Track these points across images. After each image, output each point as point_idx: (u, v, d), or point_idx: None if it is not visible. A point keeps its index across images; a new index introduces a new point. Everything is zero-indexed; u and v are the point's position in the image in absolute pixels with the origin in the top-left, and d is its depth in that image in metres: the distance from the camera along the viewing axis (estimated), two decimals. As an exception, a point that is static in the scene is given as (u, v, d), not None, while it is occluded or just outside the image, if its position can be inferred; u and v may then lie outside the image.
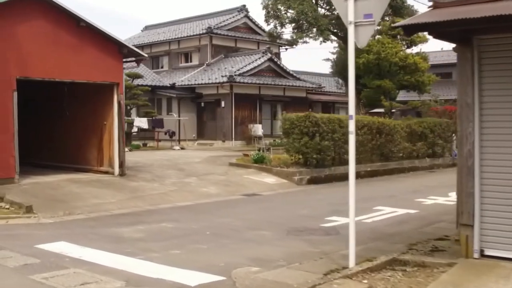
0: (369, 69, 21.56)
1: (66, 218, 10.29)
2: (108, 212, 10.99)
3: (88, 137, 16.14)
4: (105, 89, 15.40)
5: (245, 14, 34.39)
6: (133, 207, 11.56)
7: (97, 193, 12.52)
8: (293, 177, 15.88)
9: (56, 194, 12.12)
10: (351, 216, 7.06)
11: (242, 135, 29.57)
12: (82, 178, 14.52)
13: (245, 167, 17.45)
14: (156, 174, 15.65)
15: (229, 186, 14.44)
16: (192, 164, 18.47)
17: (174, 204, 12.12)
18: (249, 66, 29.93)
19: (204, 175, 15.75)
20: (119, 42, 15.18)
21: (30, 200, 11.09)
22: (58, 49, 14.08)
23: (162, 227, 9.54)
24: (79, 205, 11.25)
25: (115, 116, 15.35)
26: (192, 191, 13.50)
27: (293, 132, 16.19)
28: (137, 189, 13.31)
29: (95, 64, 14.77)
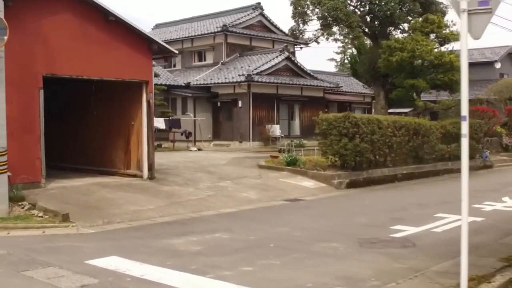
0: (401, 68, 20.68)
1: (107, 228, 9.38)
2: (150, 221, 10.08)
3: (114, 138, 15.23)
4: (133, 87, 14.49)
5: (260, 12, 33.47)
6: (175, 215, 10.66)
7: (132, 198, 11.62)
8: (332, 181, 14.99)
9: (88, 200, 11.21)
10: (464, 236, 5.80)
11: (260, 136, 28.66)
12: (110, 182, 13.61)
13: (277, 169, 16.55)
14: (186, 178, 14.74)
15: (268, 191, 13.55)
16: (219, 167, 17.57)
17: (217, 211, 11.22)
18: (266, 65, 29.01)
19: (237, 179, 14.85)
20: (149, 38, 14.27)
21: (63, 207, 10.18)
22: (86, 44, 13.15)
23: (217, 239, 8.63)
24: (117, 213, 10.35)
25: (143, 116, 14.43)
26: (231, 196, 12.61)
27: (330, 133, 15.31)
28: (173, 194, 12.40)
29: (124, 61, 13.85)
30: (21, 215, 9.74)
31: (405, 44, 19.79)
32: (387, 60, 20.51)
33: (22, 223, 9.27)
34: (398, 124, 16.84)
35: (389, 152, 16.60)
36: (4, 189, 9.67)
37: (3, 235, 8.68)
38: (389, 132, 16.41)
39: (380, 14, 21.19)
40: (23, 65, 11.93)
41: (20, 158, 11.92)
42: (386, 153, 16.50)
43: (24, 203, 10.26)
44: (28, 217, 9.65)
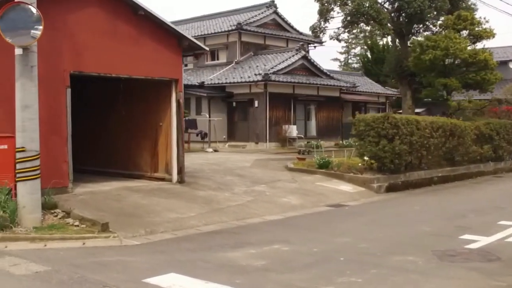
0: (433, 67, 19.86)
1: (152, 239, 8.55)
2: (195, 230, 9.25)
3: (140, 140, 14.38)
4: (162, 86, 13.66)
5: (273, 10, 32.62)
6: (219, 223, 9.84)
7: (168, 205, 10.79)
8: (371, 185, 14.18)
9: (123, 207, 10.38)
10: None
11: (277, 136, 27.84)
12: (140, 186, 12.79)
13: (309, 172, 15.74)
14: (217, 181, 13.93)
15: (307, 196, 12.74)
16: (245, 169, 16.78)
17: (262, 218, 10.40)
18: (282, 64, 28.18)
19: (271, 183, 14.03)
20: (179, 34, 13.43)
21: (98, 215, 9.36)
22: (114, 40, 12.31)
23: (278, 251, 7.82)
24: (158, 221, 9.52)
25: (173, 117, 13.59)
26: (272, 202, 11.79)
27: (368, 134, 14.51)
28: (210, 199, 11.58)
29: (153, 58, 13.01)
30: (55, 224, 8.90)
31: (437, 42, 19.00)
32: (418, 59, 19.73)
33: (58, 234, 8.43)
34: (435, 125, 16.05)
35: (426, 154, 15.81)
36: (37, 196, 8.82)
37: (41, 248, 7.86)
38: (427, 133, 15.63)
39: (410, 11, 20.42)
40: (50, 62, 11.07)
41: (47, 162, 11.05)
42: (423, 155, 15.71)
43: (57, 211, 9.42)
44: (64, 227, 8.81)
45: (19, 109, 8.73)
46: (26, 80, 8.67)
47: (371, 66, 39.28)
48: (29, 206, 8.67)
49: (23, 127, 8.70)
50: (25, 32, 8.56)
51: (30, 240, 8.17)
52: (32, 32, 8.63)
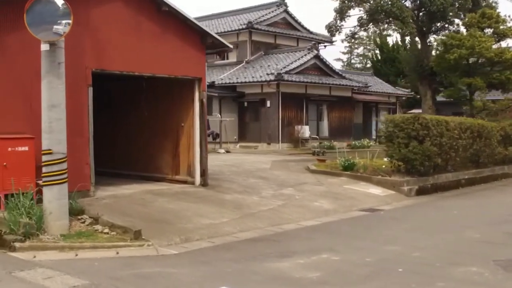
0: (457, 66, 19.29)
1: (188, 247, 7.98)
2: (232, 237, 8.69)
3: (161, 141, 13.82)
4: (184, 85, 13.10)
5: (284, 9, 32.06)
6: (255, 229, 9.27)
7: (197, 209, 10.23)
8: (401, 188, 13.62)
9: (150, 212, 9.81)
10: None
11: (289, 137, 27.27)
12: (162, 189, 12.23)
13: (334, 175, 15.19)
14: (241, 184, 13.38)
15: (338, 199, 12.18)
16: (266, 171, 16.23)
17: (298, 224, 9.84)
18: (295, 63, 27.63)
19: (297, 185, 13.47)
20: (203, 31, 12.86)
21: (126, 221, 8.80)
22: (138, 37, 11.74)
23: (329, 261, 7.26)
24: (190, 228, 8.96)
25: (195, 117, 13.04)
26: (304, 206, 11.24)
27: (397, 135, 13.95)
28: (239, 204, 11.02)
29: (177, 55, 12.44)
30: (83, 232, 8.34)
31: (462, 40, 18.44)
32: (441, 58, 19.19)
33: (89, 242, 7.87)
34: (463, 126, 15.51)
35: (454, 155, 15.27)
36: (64, 201, 8.26)
37: (72, 258, 7.30)
38: (456, 135, 15.09)
39: (433, 9, 19.89)
40: (71, 59, 10.37)
41: (68, 164, 10.56)
42: (451, 157, 15.17)
43: (84, 217, 8.86)
44: (92, 234, 8.25)
45: (45, 108, 8.18)
46: (53, 78, 8.12)
47: (380, 66, 38.72)
48: (56, 212, 8.11)
49: (50, 128, 8.15)
50: (52, 26, 8.01)
51: (59, 249, 7.61)
52: (60, 26, 8.08)
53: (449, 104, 42.03)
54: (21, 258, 7.18)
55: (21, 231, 7.77)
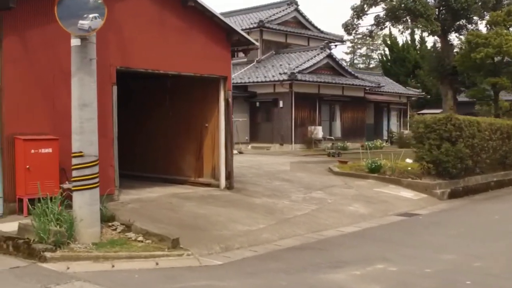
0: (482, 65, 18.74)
1: (231, 257, 7.42)
2: (273, 245, 8.15)
3: (183, 142, 13.27)
4: (208, 84, 12.57)
5: (295, 7, 31.52)
6: (295, 236, 8.73)
7: (228, 214, 9.69)
8: (434, 191, 13.09)
9: (181, 218, 9.27)
10: None
11: (302, 138, 26.74)
12: (188, 193, 11.70)
13: (360, 177, 14.65)
14: (267, 187, 12.85)
15: (372, 203, 11.65)
16: (287, 173, 15.70)
17: (338, 231, 9.30)
18: (308, 63, 27.09)
19: (326, 188, 12.93)
20: (229, 28, 12.33)
21: (158, 227, 8.26)
22: (163, 33, 11.22)
23: (386, 272, 6.72)
24: (227, 235, 8.42)
25: (221, 117, 12.50)
26: (339, 211, 10.70)
27: (428, 137, 13.43)
28: (271, 208, 10.48)
29: (202, 53, 11.91)
30: (115, 240, 7.79)
31: (488, 39, 17.91)
32: (466, 57, 18.65)
33: (124, 251, 7.32)
34: (494, 127, 15.00)
35: (484, 157, 14.76)
36: (96, 207, 7.72)
37: (109, 269, 6.75)
38: (487, 136, 14.58)
39: (457, 6, 19.38)
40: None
41: (92, 167, 10.06)
42: (482, 159, 14.66)
43: (115, 224, 8.31)
44: (126, 243, 7.70)
45: (76, 108, 7.63)
46: (84, 75, 7.57)
47: (390, 65, 38.21)
48: (87, 219, 7.57)
49: (81, 128, 7.60)
50: (84, 20, 7.48)
51: (93, 259, 7.07)
52: (87, 21, 7.54)
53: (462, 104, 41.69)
54: (53, 270, 6.63)
55: (51, 240, 7.22)
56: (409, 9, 18.18)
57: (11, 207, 9.28)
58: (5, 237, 7.65)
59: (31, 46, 9.48)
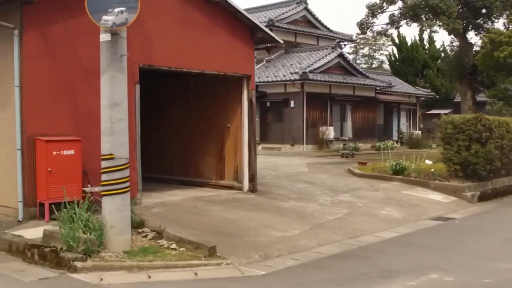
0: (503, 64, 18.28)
1: (273, 266, 6.93)
2: (313, 252, 7.67)
3: (203, 143, 12.82)
4: (231, 83, 12.11)
5: (304, 6, 31.05)
6: (333, 242, 8.26)
7: (259, 219, 9.21)
8: (463, 193, 12.61)
9: (210, 223, 8.79)
10: None
11: (313, 138, 26.27)
12: (211, 196, 11.24)
13: (384, 179, 14.19)
14: (291, 190, 12.40)
15: (403, 207, 11.18)
16: (307, 175, 15.28)
17: (377, 236, 8.82)
18: (319, 62, 26.63)
19: (352, 191, 12.47)
20: (253, 24, 11.86)
21: (189, 233, 7.79)
22: (186, 30, 10.76)
23: (443, 282, 6.24)
24: (263, 241, 7.94)
25: (244, 117, 12.05)
26: (372, 215, 10.23)
27: (457, 138, 12.97)
28: (300, 212, 10.01)
29: (226, 51, 11.46)
30: (147, 248, 7.31)
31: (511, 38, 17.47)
32: (488, 56, 18.20)
33: (159, 260, 6.85)
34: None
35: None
36: (127, 213, 7.24)
37: (146, 280, 6.26)
38: (515, 136, 14.13)
39: (479, 4, 18.94)
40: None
41: (115, 169, 9.58)
42: (510, 160, 14.20)
43: (145, 230, 7.84)
44: (159, 251, 7.23)
45: (106, 107, 7.16)
46: (115, 72, 7.11)
47: (399, 65, 37.73)
48: (118, 226, 7.10)
49: (111, 129, 7.13)
50: (116, 13, 7.01)
51: (127, 269, 6.59)
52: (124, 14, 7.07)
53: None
54: (86, 282, 6.16)
55: (81, 248, 6.75)
56: (431, 6, 17.70)
57: (32, 212, 8.83)
58: (29, 244, 7.19)
59: (52, 42, 9.02)
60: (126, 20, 7.09)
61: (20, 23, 8.69)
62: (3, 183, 9.18)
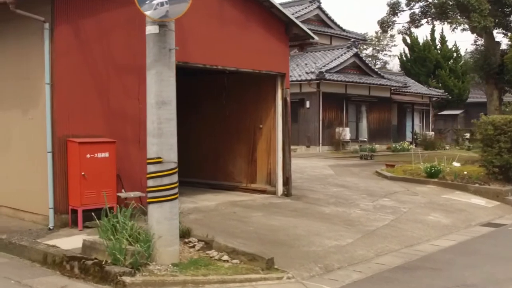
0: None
1: (338, 280, 6.29)
2: (376, 264, 7.05)
3: (233, 144, 12.23)
4: (263, 81, 11.53)
5: (317, 5, 30.53)
6: (391, 252, 7.65)
7: (304, 226, 8.61)
8: (506, 197, 12.02)
9: (257, 231, 8.15)
10: None
11: (330, 139, 25.71)
12: (245, 200, 10.66)
13: (418, 182, 13.61)
14: (326, 194, 11.82)
15: (450, 212, 10.58)
16: (335, 177, 14.74)
17: (434, 245, 8.18)
18: (334, 62, 26.06)
19: (389, 195, 11.89)
20: (288, 20, 11.29)
21: (237, 243, 7.19)
22: (221, 26, 10.19)
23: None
24: (317, 251, 7.34)
25: (278, 118, 11.46)
26: (420, 221, 9.63)
27: (498, 139, 12.39)
28: (346, 218, 9.41)
29: (261, 47, 10.89)
30: (197, 260, 6.69)
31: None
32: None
33: (213, 275, 6.21)
34: None
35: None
36: (175, 222, 6.62)
37: (203, 297, 5.69)
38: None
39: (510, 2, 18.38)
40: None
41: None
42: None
43: (192, 240, 7.23)
44: (210, 263, 6.61)
45: (153, 106, 6.54)
46: (163, 68, 6.49)
47: (410, 65, 37.13)
48: (167, 236, 6.47)
49: (159, 130, 6.51)
50: (165, 3, 6.40)
51: (181, 285, 5.96)
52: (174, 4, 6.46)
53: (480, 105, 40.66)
54: (138, 299, 5.57)
55: (128, 261, 6.15)
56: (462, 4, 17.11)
57: (63, 219, 8.22)
58: (68, 256, 6.57)
59: (84, 37, 8.43)
60: (180, 10, 6.46)
61: (51, 16, 8.09)
62: (31, 188, 8.58)
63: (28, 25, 8.47)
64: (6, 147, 9.13)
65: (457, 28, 18.81)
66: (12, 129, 9.01)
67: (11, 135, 9.05)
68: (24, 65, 8.73)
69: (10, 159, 9.06)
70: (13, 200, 8.94)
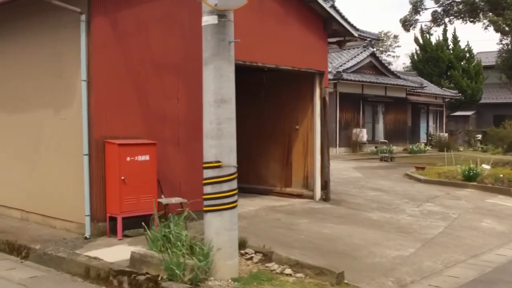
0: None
1: (414, 295, 5.80)
2: (448, 277, 6.46)
3: (266, 146, 11.64)
4: (300, 80, 10.96)
5: (331, 4, 29.91)
6: (458, 263, 7.03)
7: (360, 235, 8.00)
8: (553, 202, 11.53)
9: (311, 241, 7.52)
10: None
11: (347, 141, 25.14)
12: (284, 205, 10.10)
13: (456, 186, 13.06)
14: (366, 198, 11.26)
15: (501, 218, 9.95)
16: (366, 180, 14.23)
17: (499, 255, 7.53)
18: (351, 61, 25.53)
19: (431, 199, 11.32)
20: (327, 15, 10.79)
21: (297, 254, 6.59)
22: (261, 20, 9.61)
23: None
24: (382, 262, 6.74)
25: (316, 118, 10.87)
26: (475, 228, 9.02)
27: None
28: (397, 225, 8.81)
29: (300, 44, 10.34)
30: (257, 274, 6.07)
31: None
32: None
33: (279, 290, 5.67)
34: None
35: None
36: (235, 232, 6.03)
37: (276, 318, 5.10)
38: None
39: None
40: (190, 45, 8.36)
41: (189, 177, 8.40)
42: None
43: (249, 251, 6.63)
44: (273, 277, 5.99)
45: (211, 104, 5.95)
46: (222, 63, 5.89)
47: (423, 66, 36.56)
48: (226, 248, 5.85)
49: (218, 131, 5.93)
50: (225, -10, 5.82)
51: (247, 303, 5.41)
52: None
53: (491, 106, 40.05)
54: (205, 320, 4.97)
55: (187, 277, 5.54)
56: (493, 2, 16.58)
57: (100, 228, 7.62)
58: (115, 270, 5.97)
59: (122, 30, 7.84)
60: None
61: (87, 7, 7.50)
62: (64, 194, 7.98)
63: (60, 18, 7.89)
64: (36, 150, 8.53)
65: (490, 27, 18.24)
66: (42, 130, 8.41)
67: (41, 136, 8.45)
68: (55, 62, 8.13)
69: (39, 162, 8.46)
70: (44, 206, 8.34)
